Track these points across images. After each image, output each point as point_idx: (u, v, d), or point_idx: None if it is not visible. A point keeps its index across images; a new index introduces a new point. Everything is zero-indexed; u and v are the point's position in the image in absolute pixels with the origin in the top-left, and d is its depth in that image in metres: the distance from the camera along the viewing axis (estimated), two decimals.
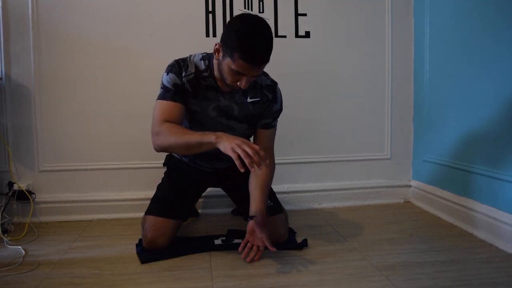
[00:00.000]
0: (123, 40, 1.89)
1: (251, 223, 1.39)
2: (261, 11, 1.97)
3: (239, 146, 1.17)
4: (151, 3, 1.90)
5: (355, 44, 2.07)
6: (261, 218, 1.38)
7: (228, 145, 1.19)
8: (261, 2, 1.97)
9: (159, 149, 1.35)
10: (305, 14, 2.01)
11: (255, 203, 1.41)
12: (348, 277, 1.25)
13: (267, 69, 1.48)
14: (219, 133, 1.25)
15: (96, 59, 1.87)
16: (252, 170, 1.17)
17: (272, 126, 1.51)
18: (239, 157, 1.16)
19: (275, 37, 1.98)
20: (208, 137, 1.24)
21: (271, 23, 1.97)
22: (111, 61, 1.88)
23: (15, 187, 1.78)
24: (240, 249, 1.39)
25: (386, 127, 2.12)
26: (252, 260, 1.35)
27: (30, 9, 1.80)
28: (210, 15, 1.94)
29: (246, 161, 1.15)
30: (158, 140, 1.33)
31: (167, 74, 1.37)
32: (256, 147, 1.19)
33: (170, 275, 1.28)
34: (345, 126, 2.09)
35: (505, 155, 1.48)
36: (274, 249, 1.32)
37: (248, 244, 1.39)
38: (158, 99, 1.38)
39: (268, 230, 1.38)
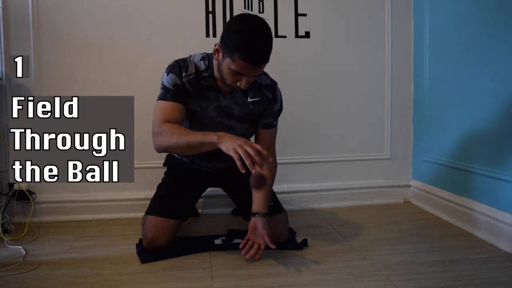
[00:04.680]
0: (123, 40, 1.89)
1: (253, 220, 1.39)
2: (261, 11, 1.97)
3: (240, 146, 1.17)
4: (151, 3, 1.90)
5: (355, 44, 2.07)
6: (263, 216, 1.39)
7: (230, 145, 1.19)
8: (261, 2, 1.97)
9: (160, 149, 1.35)
10: (305, 14, 2.01)
11: (257, 201, 1.41)
12: (348, 277, 1.25)
13: (267, 69, 1.48)
14: (220, 133, 1.25)
15: (96, 59, 1.87)
16: (253, 171, 1.18)
17: (273, 126, 1.52)
18: (240, 157, 1.16)
19: (275, 37, 1.98)
20: (210, 137, 1.24)
21: (271, 23, 1.97)
22: (111, 61, 1.88)
23: (16, 187, 1.78)
24: (241, 245, 1.38)
25: (386, 127, 2.12)
26: (253, 259, 1.35)
27: (30, 9, 1.80)
28: (210, 15, 1.94)
29: (247, 162, 1.15)
30: (159, 141, 1.33)
31: (167, 75, 1.37)
32: (258, 146, 1.19)
33: (170, 275, 1.28)
34: (345, 126, 2.09)
35: (505, 155, 1.48)
36: (274, 247, 1.32)
37: (249, 242, 1.38)
38: (159, 99, 1.38)
39: (268, 229, 1.38)
